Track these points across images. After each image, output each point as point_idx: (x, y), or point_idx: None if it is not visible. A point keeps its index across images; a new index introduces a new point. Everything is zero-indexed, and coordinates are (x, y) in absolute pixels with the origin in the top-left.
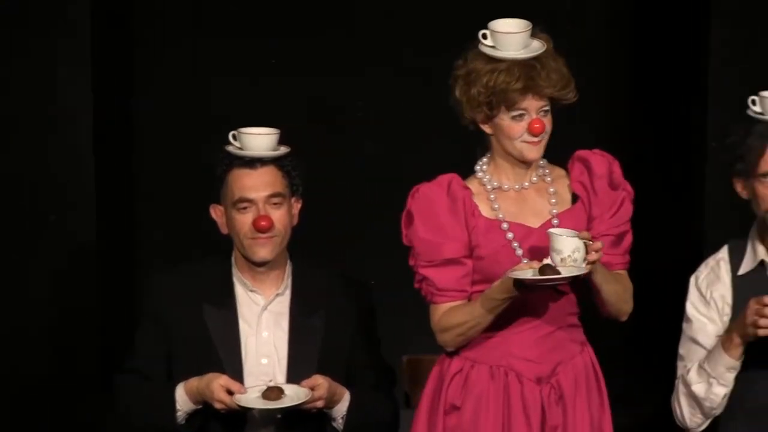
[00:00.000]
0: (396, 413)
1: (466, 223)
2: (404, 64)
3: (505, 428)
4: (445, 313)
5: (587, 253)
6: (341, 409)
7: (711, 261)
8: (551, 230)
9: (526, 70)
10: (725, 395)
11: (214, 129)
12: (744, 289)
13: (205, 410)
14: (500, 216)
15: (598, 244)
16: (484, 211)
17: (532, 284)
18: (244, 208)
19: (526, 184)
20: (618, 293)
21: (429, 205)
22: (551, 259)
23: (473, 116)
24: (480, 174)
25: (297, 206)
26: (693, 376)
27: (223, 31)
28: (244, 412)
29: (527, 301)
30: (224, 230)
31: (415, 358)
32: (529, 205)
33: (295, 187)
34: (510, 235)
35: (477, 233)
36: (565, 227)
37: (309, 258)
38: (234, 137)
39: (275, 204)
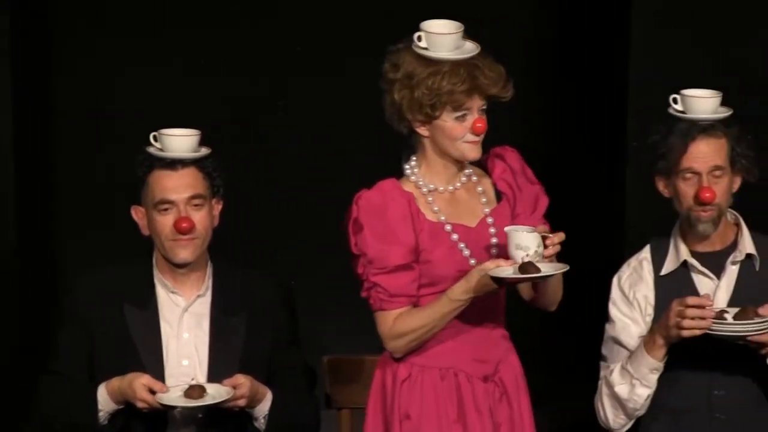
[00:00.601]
0: (317, 413)
1: (414, 227)
2: (328, 64)
3: (462, 429)
4: (397, 319)
5: (545, 247)
6: (263, 408)
7: (633, 261)
8: (511, 228)
9: (470, 70)
10: (648, 396)
11: (134, 130)
12: (666, 289)
13: (127, 410)
14: (442, 218)
15: (556, 238)
16: (427, 214)
17: (514, 282)
18: (165, 209)
19: (458, 184)
20: (556, 284)
21: (376, 212)
22: (513, 256)
23: (412, 119)
24: (413, 177)
25: (218, 207)
26: (616, 377)
27: (144, 31)
28: (165, 411)
29: (474, 300)
30: (145, 231)
31: (335, 359)
32: (463, 206)
33: (216, 189)
34: (455, 236)
35: (423, 237)
36: (498, 225)
37: (230, 259)
38: (155, 138)
39: (196, 205)
